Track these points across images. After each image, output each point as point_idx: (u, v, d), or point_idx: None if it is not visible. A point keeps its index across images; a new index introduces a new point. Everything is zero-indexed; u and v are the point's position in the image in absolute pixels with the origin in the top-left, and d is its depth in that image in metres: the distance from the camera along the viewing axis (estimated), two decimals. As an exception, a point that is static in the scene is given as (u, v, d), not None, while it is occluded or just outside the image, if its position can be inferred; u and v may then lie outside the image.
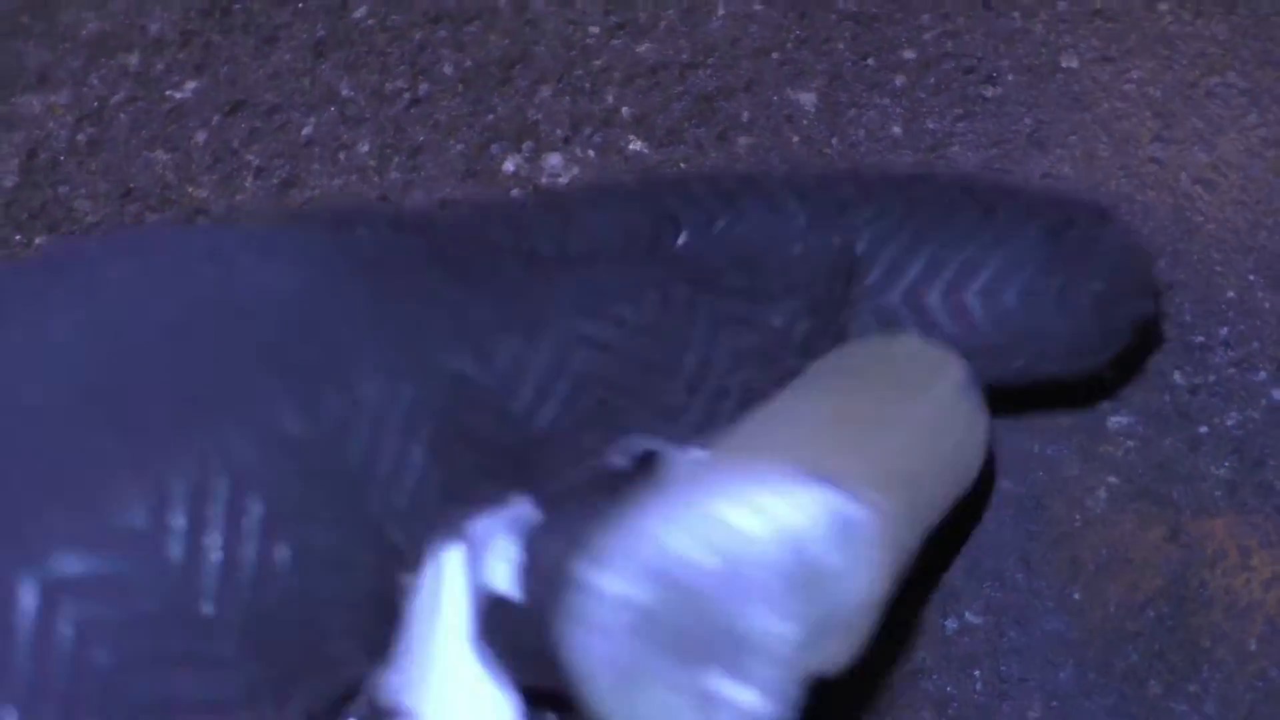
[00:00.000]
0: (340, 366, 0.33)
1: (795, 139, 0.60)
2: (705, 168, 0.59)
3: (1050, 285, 0.42)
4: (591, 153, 0.60)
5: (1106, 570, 0.54)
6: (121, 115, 0.62)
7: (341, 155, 0.60)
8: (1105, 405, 0.56)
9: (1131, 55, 0.60)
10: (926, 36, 0.61)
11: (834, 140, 0.59)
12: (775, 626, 0.28)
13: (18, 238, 0.60)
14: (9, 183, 0.61)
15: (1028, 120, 0.59)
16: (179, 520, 0.31)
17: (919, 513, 0.35)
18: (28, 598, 0.30)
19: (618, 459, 0.37)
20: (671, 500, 0.30)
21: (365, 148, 0.60)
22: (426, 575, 0.34)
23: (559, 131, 0.60)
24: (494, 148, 0.60)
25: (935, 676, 0.53)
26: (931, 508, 0.36)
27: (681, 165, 0.59)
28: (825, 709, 0.32)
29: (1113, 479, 0.55)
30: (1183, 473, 0.55)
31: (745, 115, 0.60)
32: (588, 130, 0.60)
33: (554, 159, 0.60)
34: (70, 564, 0.30)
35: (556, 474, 0.36)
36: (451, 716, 0.32)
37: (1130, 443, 0.55)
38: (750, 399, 0.39)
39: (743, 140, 0.60)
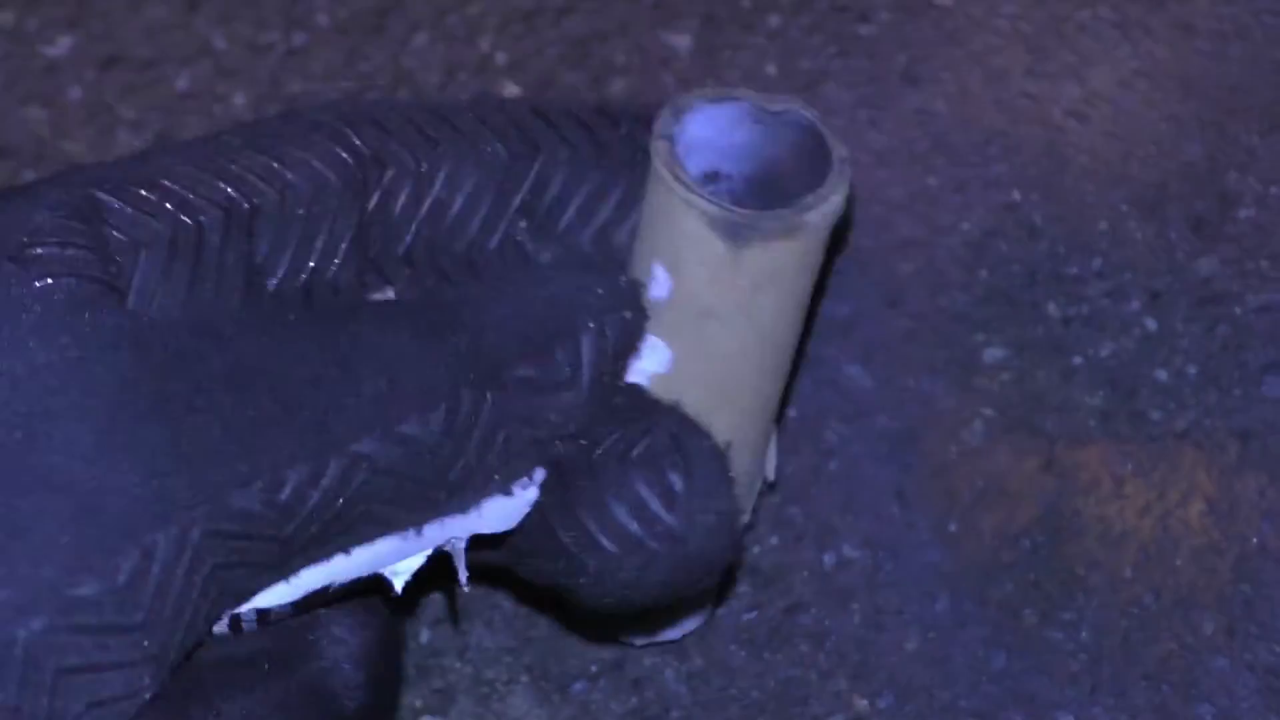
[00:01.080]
0: (135, 524, 0.37)
1: (670, 81, 0.60)
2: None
3: None
4: (465, 98, 0.59)
5: (982, 502, 0.54)
6: (-5, 72, 0.61)
7: (217, 108, 0.60)
8: (980, 338, 0.56)
9: (1003, -10, 0.60)
10: (798, -25, 0.61)
11: (709, 81, 0.59)
12: None
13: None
14: (-117, 142, 0.61)
15: (901, 57, 0.59)
16: None
17: None
18: None
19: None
20: None
21: (241, 100, 0.60)
22: None
23: (434, 79, 0.60)
24: (370, 95, 0.60)
25: (813, 610, 0.53)
26: None
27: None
28: None
29: (988, 411, 0.55)
30: (1057, 403, 0.55)
31: (620, 59, 0.60)
32: (463, 77, 0.60)
33: (429, 106, 0.59)
34: None
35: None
36: None
37: (1005, 375, 0.55)
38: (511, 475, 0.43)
39: (618, 83, 0.60)
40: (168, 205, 0.40)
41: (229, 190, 0.40)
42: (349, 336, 0.41)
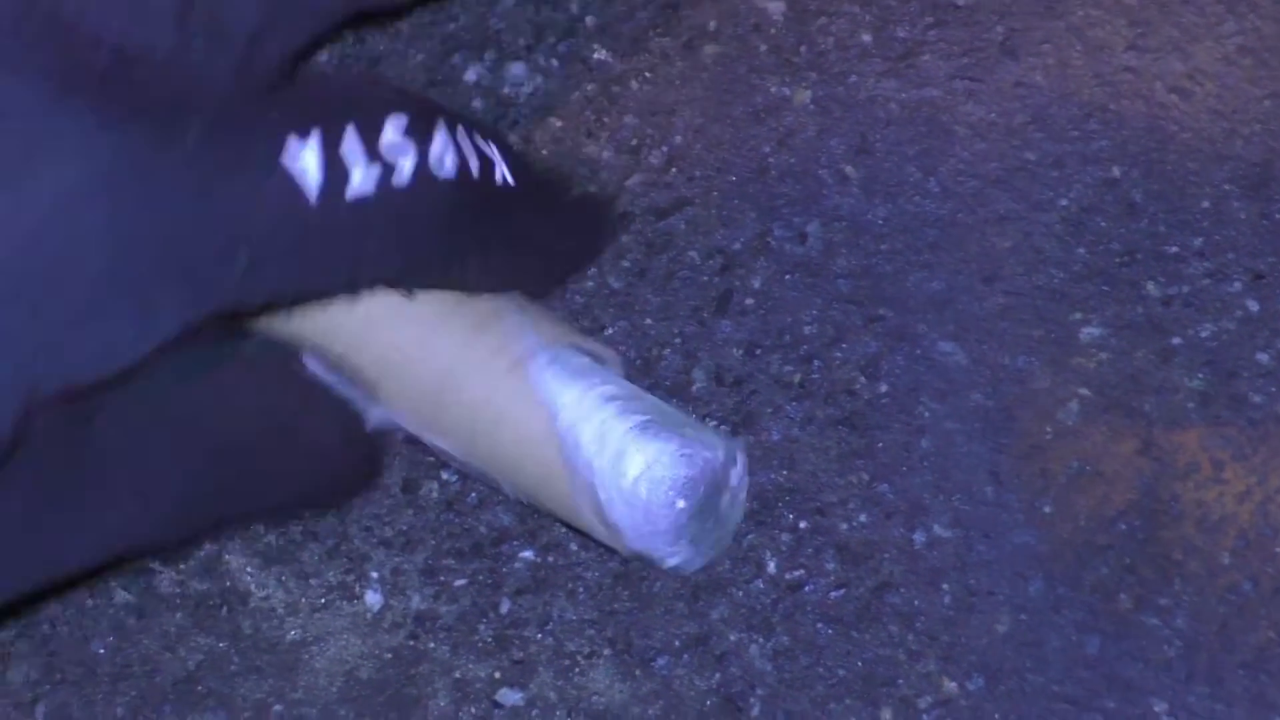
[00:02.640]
0: None
1: (763, 48, 0.59)
2: (671, 79, 0.58)
3: None
4: (555, 62, 0.59)
5: (1077, 483, 0.53)
6: None
7: (300, 65, 0.59)
8: (1077, 316, 0.55)
9: (1106, -38, 0.59)
10: (897, -58, 0.60)
11: (802, 49, 0.59)
12: None
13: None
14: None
15: (999, 28, 0.58)
16: None
17: None
18: None
19: None
20: None
21: (325, 56, 0.59)
22: None
23: (521, 41, 0.59)
24: (455, 57, 0.59)
25: (903, 590, 0.52)
26: None
27: (647, 76, 0.58)
28: None
29: (1084, 391, 0.54)
30: (1155, 385, 0.54)
31: (712, 24, 0.59)
32: (551, 39, 0.59)
33: (517, 68, 0.59)
34: None
35: None
36: None
37: (1102, 354, 0.54)
38: None
39: (709, 49, 0.59)
40: None
41: None
42: None
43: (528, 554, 0.53)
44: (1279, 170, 0.56)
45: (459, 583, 0.53)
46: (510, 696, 0.51)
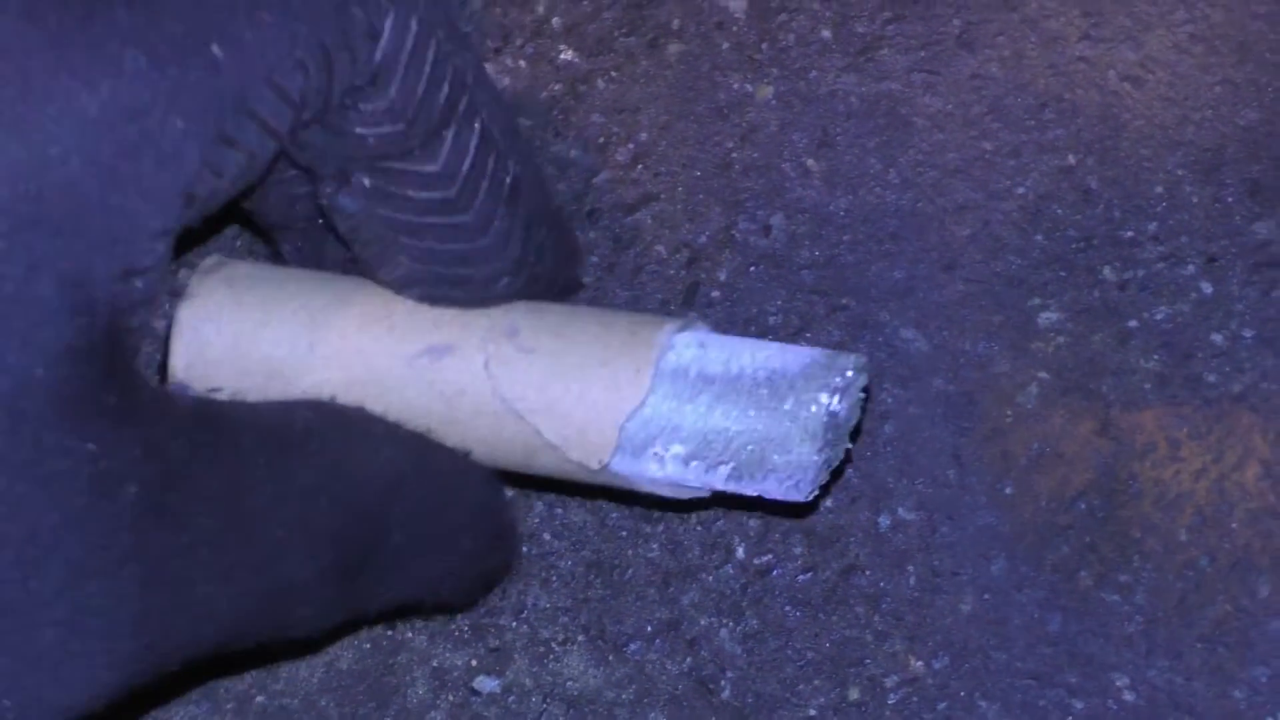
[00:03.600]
0: None
1: (725, 45, 0.59)
2: (636, 77, 0.59)
3: None
4: (523, 63, 0.59)
5: (1037, 465, 0.54)
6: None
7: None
8: (1035, 302, 0.56)
9: (1059, -46, 0.60)
10: (853, -61, 0.60)
11: (764, 45, 0.59)
12: None
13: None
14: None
15: (956, 22, 0.59)
16: None
17: None
18: None
19: None
20: None
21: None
22: None
23: (490, 43, 0.60)
24: (425, 60, 0.60)
25: (869, 572, 0.53)
26: None
27: (613, 75, 0.59)
28: None
29: (1043, 374, 0.55)
30: (1112, 367, 0.55)
31: (675, 23, 0.60)
32: (519, 41, 0.60)
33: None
34: None
35: None
36: None
37: (1060, 338, 0.55)
38: None
39: (673, 48, 0.60)
40: None
41: None
42: None
43: (502, 544, 0.53)
44: (1230, 155, 0.57)
45: (435, 574, 0.53)
46: (487, 684, 0.52)
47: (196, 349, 0.42)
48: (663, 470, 0.42)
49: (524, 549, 0.53)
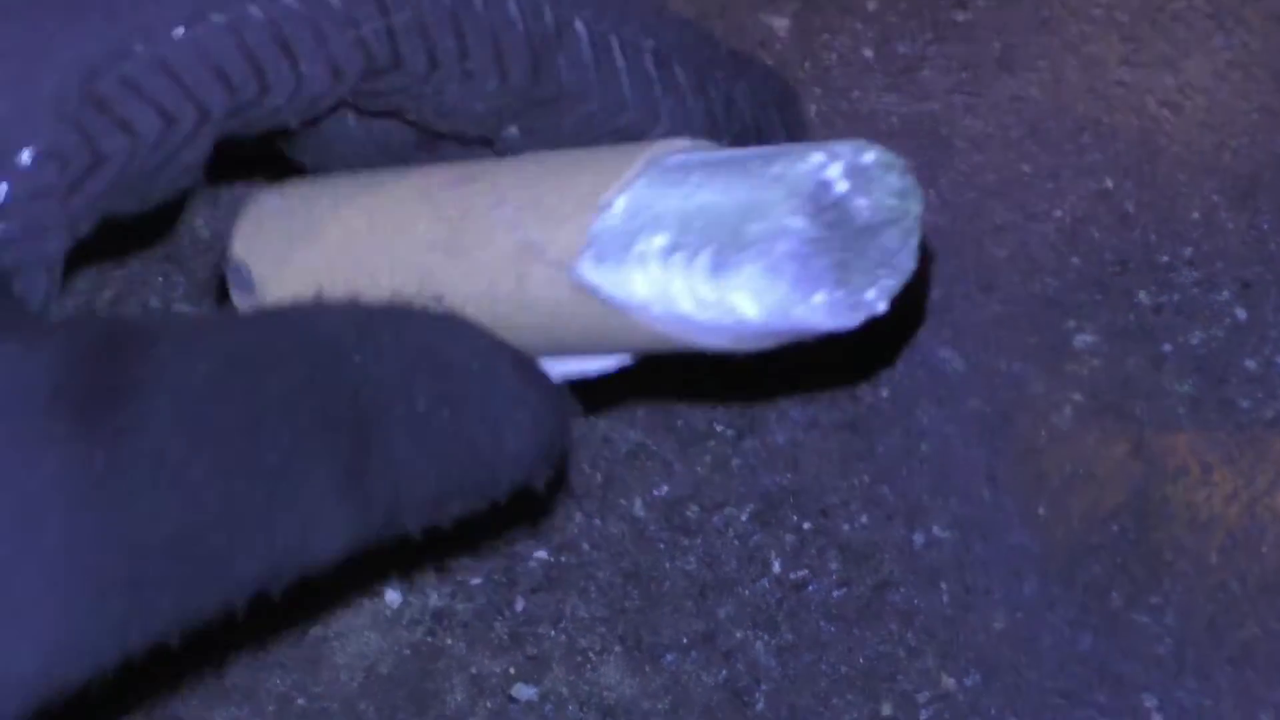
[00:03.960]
0: None
1: (769, 63, 0.59)
2: None
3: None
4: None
5: (1071, 485, 0.54)
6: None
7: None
8: (1071, 323, 0.56)
9: (1100, -21, 0.59)
10: (897, -40, 0.60)
11: (807, 64, 0.59)
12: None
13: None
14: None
15: (996, 44, 0.59)
16: None
17: None
18: None
19: None
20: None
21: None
22: None
23: (534, 56, 0.60)
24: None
25: (902, 589, 0.53)
26: None
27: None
28: None
29: (1078, 396, 0.55)
30: (1146, 390, 0.55)
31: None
32: (563, 54, 0.60)
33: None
34: None
35: None
36: None
37: (1095, 360, 0.55)
38: None
39: None
40: None
41: None
42: None
43: (541, 554, 0.54)
44: (1266, 181, 0.57)
45: (475, 581, 0.53)
46: (525, 691, 0.52)
47: (255, 225, 0.40)
48: (645, 273, 0.34)
49: (556, 557, 0.53)
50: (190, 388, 0.29)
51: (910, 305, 0.45)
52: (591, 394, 0.36)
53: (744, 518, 0.54)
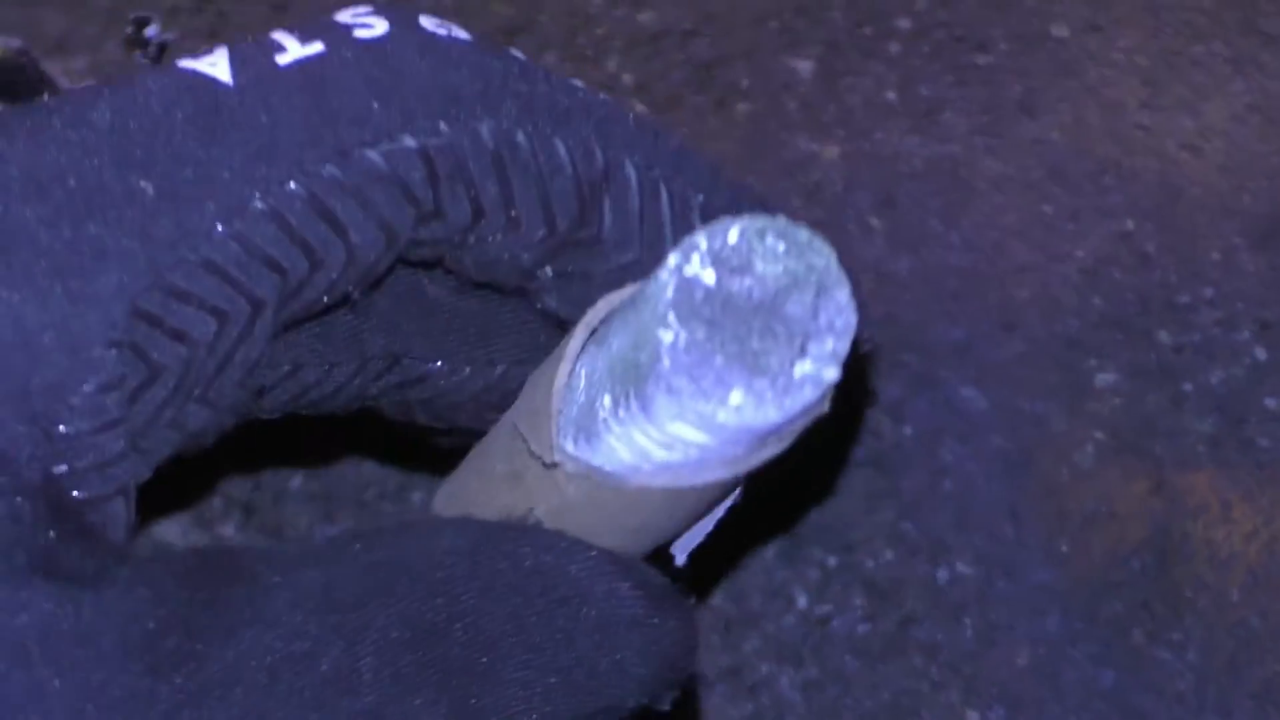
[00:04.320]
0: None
1: (793, 105, 0.60)
2: (705, 135, 0.59)
3: None
4: (594, 118, 0.60)
5: (1092, 523, 0.53)
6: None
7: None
8: (1092, 363, 0.56)
9: (1120, 24, 0.60)
10: (920, 5, 0.61)
11: (830, 106, 0.60)
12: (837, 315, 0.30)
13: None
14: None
15: (1018, 87, 0.59)
16: None
17: None
18: None
19: None
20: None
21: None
22: None
23: (562, 98, 0.60)
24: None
25: (926, 624, 0.52)
26: None
27: (682, 131, 0.59)
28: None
29: (1099, 434, 0.54)
30: (1167, 428, 0.54)
31: (744, 82, 0.60)
32: (590, 97, 0.60)
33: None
34: None
35: None
36: None
37: (1116, 399, 0.55)
38: None
39: (741, 107, 0.60)
40: None
41: None
42: None
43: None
44: (1285, 224, 0.57)
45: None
46: (552, 725, 0.52)
47: None
48: (614, 436, 0.33)
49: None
50: (285, 636, 0.28)
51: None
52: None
53: (769, 553, 0.53)
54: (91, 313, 0.29)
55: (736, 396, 0.29)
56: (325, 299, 0.32)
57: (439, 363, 0.37)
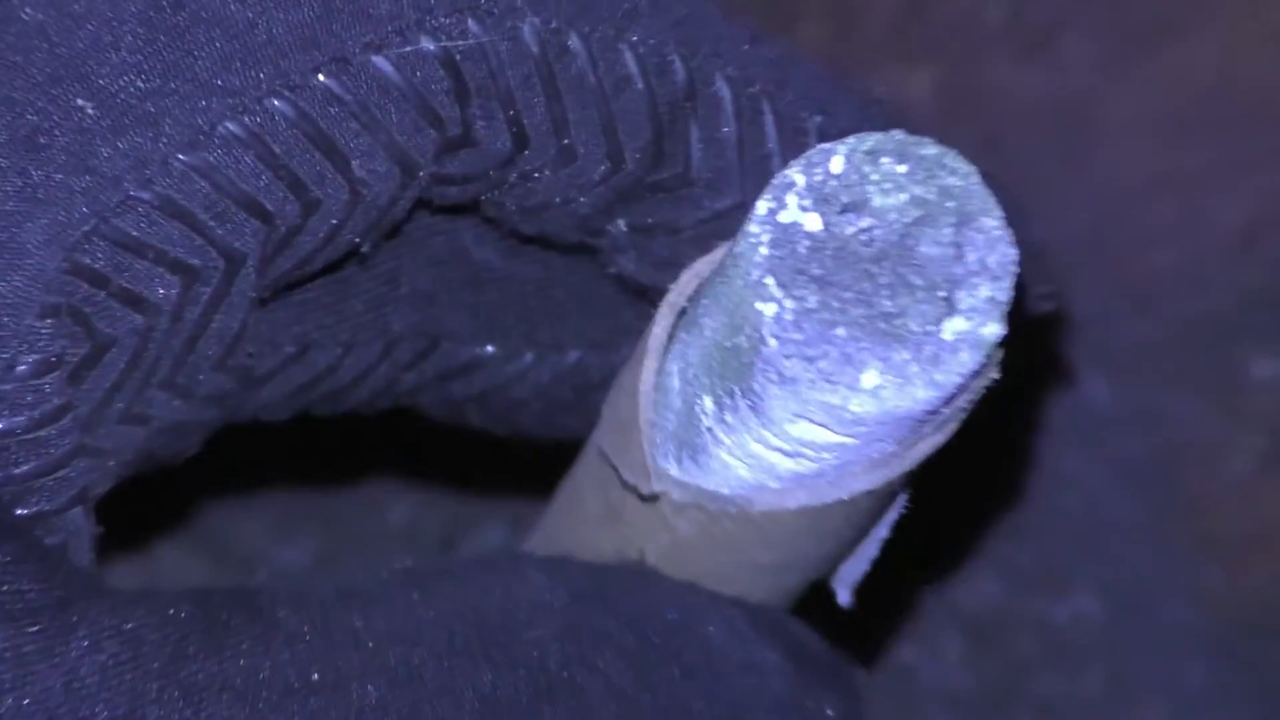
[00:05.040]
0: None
1: (872, 28, 0.55)
2: None
3: None
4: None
5: (1247, 549, 0.50)
6: None
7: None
8: (1247, 348, 0.52)
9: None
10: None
11: (919, 28, 0.55)
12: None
13: None
14: None
15: (1155, 6, 0.54)
16: None
17: None
18: None
19: None
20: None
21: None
22: None
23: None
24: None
25: (1041, 673, 0.50)
26: None
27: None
28: None
29: (1256, 438, 0.51)
30: (1343, 432, 0.53)
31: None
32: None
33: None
34: None
35: None
36: None
37: (1277, 395, 0.52)
38: None
39: (808, 29, 0.55)
40: None
41: None
42: None
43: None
44: None
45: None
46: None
47: None
48: (723, 448, 0.31)
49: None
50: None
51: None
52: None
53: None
54: (16, 272, 0.27)
55: (871, 377, 0.26)
56: (325, 253, 0.29)
57: (489, 346, 0.33)
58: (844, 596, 0.34)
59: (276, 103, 0.27)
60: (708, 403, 0.30)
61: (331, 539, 0.50)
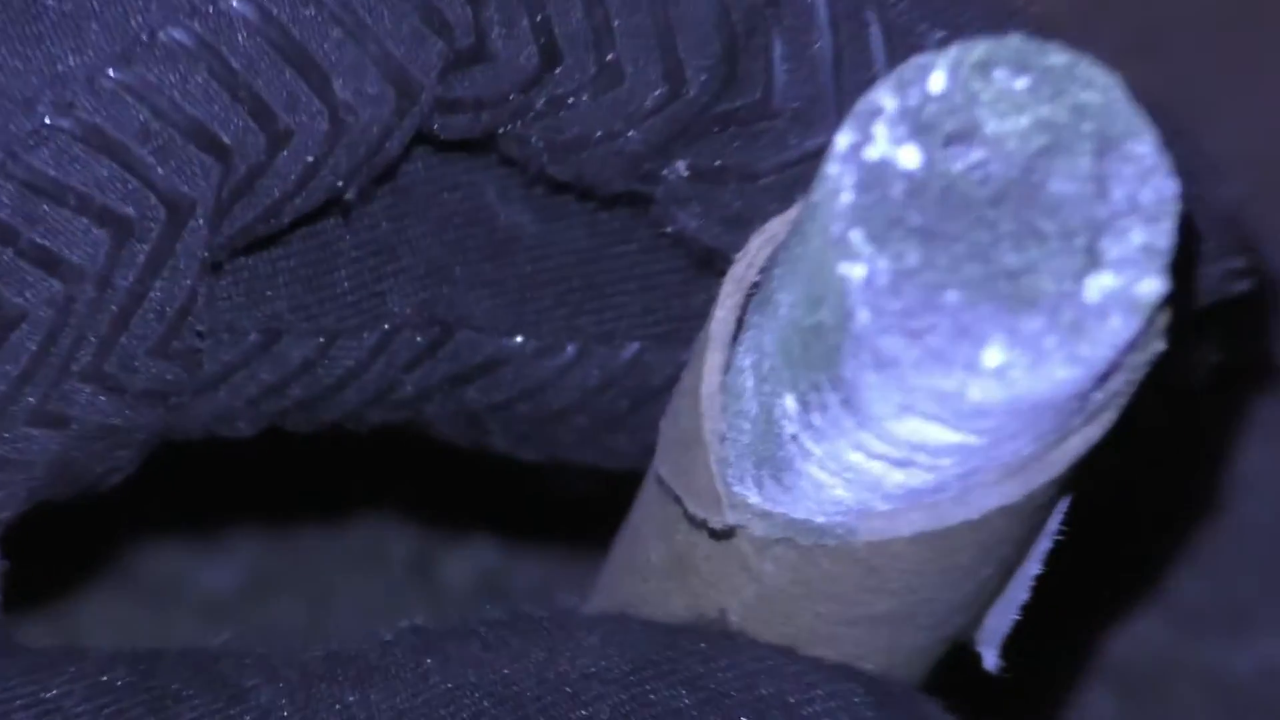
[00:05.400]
0: None
1: None
2: None
3: None
4: None
5: None
6: None
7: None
8: None
9: None
10: None
11: None
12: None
13: None
14: None
15: None
16: None
17: None
18: None
19: None
20: None
21: None
22: None
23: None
24: None
25: None
26: None
27: None
28: None
29: None
30: None
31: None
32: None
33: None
34: None
35: None
36: None
37: None
38: None
39: None
40: None
41: None
42: None
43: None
44: None
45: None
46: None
47: None
48: (810, 460, 0.28)
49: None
50: None
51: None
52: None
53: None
54: None
55: (994, 354, 0.23)
56: (298, 202, 0.26)
57: (519, 337, 0.30)
58: (989, 659, 0.30)
59: (235, 2, 0.24)
60: (790, 403, 0.26)
61: (269, 561, 0.46)
